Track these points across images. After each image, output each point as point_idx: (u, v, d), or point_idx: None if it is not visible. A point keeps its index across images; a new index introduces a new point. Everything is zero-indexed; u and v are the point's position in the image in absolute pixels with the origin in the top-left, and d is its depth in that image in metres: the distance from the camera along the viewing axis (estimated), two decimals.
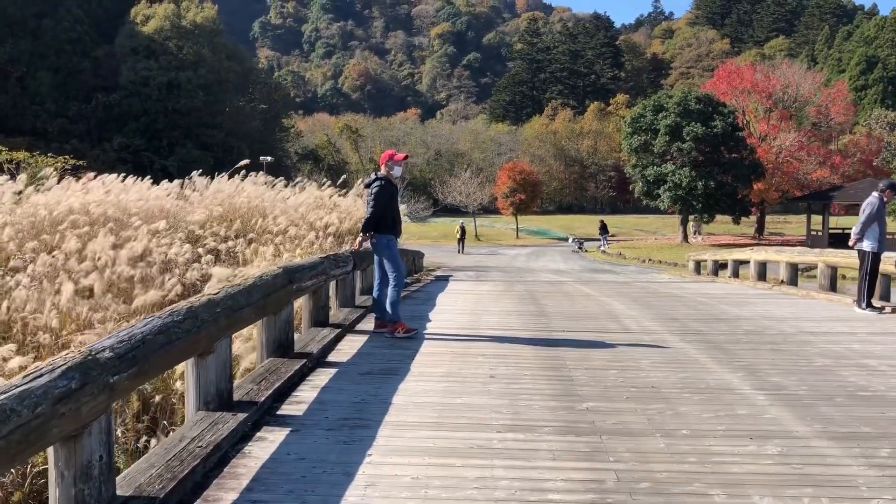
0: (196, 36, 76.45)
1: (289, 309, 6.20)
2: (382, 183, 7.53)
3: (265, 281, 5.61)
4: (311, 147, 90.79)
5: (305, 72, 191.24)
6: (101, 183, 17.36)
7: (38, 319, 9.16)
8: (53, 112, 69.51)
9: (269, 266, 12.70)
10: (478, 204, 60.74)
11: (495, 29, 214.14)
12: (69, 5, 73.34)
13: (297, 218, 16.39)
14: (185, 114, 72.24)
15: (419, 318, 8.82)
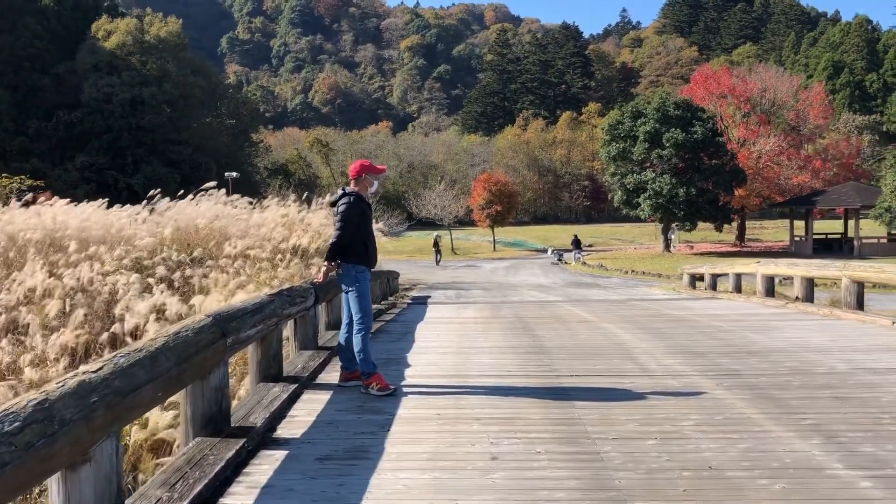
0: (160, 51, 74.44)
1: (221, 371, 4.69)
2: (352, 199, 6.07)
3: (183, 339, 4.10)
4: (282, 162, 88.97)
5: (275, 86, 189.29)
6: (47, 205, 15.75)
7: None
8: (12, 131, 67.09)
9: (221, 300, 11.19)
10: (453, 216, 59.37)
11: (465, 41, 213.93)
12: (27, 21, 70.95)
13: (261, 239, 14.86)
14: (150, 130, 70.13)
15: (395, 361, 7.34)
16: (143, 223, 15.30)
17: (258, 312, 5.50)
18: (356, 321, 6.07)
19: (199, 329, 4.39)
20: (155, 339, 3.96)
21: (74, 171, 65.50)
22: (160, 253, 13.81)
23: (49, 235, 13.64)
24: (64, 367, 9.36)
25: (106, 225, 14.68)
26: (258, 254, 14.08)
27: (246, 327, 5.13)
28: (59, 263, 12.77)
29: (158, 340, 3.92)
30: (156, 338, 3.99)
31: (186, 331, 4.24)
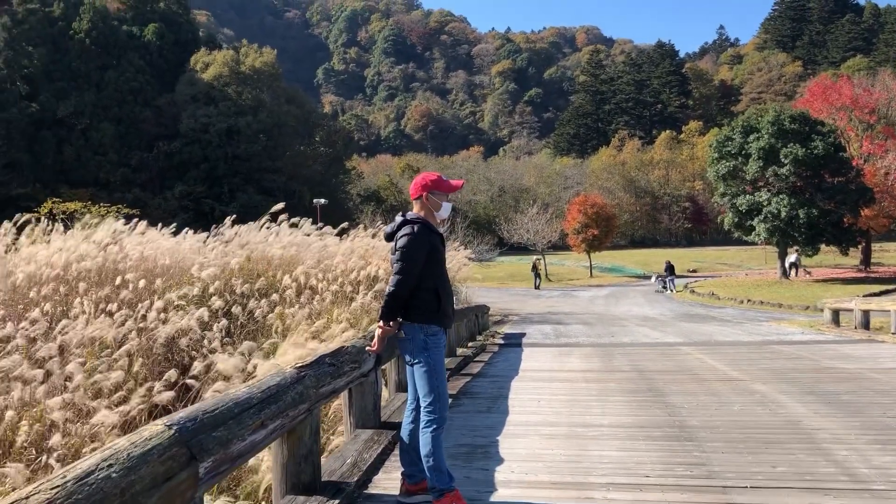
0: (255, 81, 75.56)
1: None
2: (416, 229, 4.14)
3: (96, 488, 2.24)
4: (374, 188, 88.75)
5: (369, 115, 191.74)
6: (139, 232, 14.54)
7: None
8: (116, 162, 69.11)
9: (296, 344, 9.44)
10: (546, 241, 56.93)
11: (556, 64, 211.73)
12: (131, 57, 73.38)
13: (332, 269, 13.13)
14: (246, 159, 70.98)
15: (482, 452, 5.31)
16: (211, 251, 13.91)
17: (270, 404, 3.59)
18: (424, 409, 4.10)
19: (142, 457, 2.52)
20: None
21: (173, 200, 66.72)
22: (220, 283, 12.27)
23: (104, 267, 12.32)
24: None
25: (174, 254, 13.33)
26: (326, 286, 12.40)
27: (235, 439, 3.22)
28: (114, 299, 11.40)
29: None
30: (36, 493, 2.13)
31: (109, 466, 2.37)
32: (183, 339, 9.83)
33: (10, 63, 67.00)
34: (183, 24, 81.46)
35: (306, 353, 6.75)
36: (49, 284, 10.85)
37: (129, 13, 78.25)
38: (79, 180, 64.08)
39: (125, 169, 69.12)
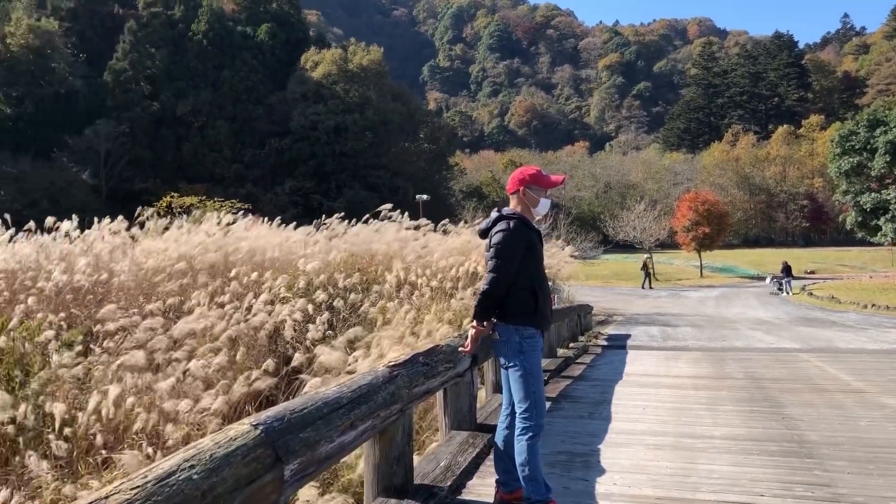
0: (362, 79, 76.95)
1: None
2: (511, 225, 3.94)
3: (177, 489, 2.17)
4: (476, 184, 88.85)
5: (473, 111, 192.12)
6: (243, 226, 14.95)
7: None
8: (230, 158, 71.89)
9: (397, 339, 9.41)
10: (654, 239, 55.32)
11: (666, 57, 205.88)
12: (245, 56, 76.18)
13: (431, 265, 13.05)
14: (352, 156, 72.42)
15: (582, 462, 5.06)
16: (315, 245, 14.13)
17: (360, 404, 3.49)
18: (520, 415, 3.90)
19: (225, 458, 2.44)
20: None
21: (283, 196, 68.80)
22: (325, 277, 12.39)
23: (222, 260, 12.66)
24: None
25: (282, 247, 13.61)
26: (425, 281, 12.33)
27: (322, 440, 3.12)
28: (227, 291, 11.70)
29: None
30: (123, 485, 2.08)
31: (191, 467, 2.30)
32: (287, 330, 9.96)
33: (134, 64, 70.80)
34: (294, 23, 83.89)
35: (402, 350, 6.68)
36: (173, 279, 11.21)
37: (243, 14, 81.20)
38: (195, 176, 67.05)
39: (238, 165, 71.80)
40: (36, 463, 5.31)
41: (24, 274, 10.46)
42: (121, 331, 9.17)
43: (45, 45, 68.44)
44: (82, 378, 7.44)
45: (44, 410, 6.24)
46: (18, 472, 5.52)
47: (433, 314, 10.61)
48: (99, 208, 47.35)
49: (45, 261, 10.79)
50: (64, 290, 10.38)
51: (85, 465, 6.04)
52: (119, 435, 6.79)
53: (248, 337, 10.09)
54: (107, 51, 72.44)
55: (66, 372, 7.17)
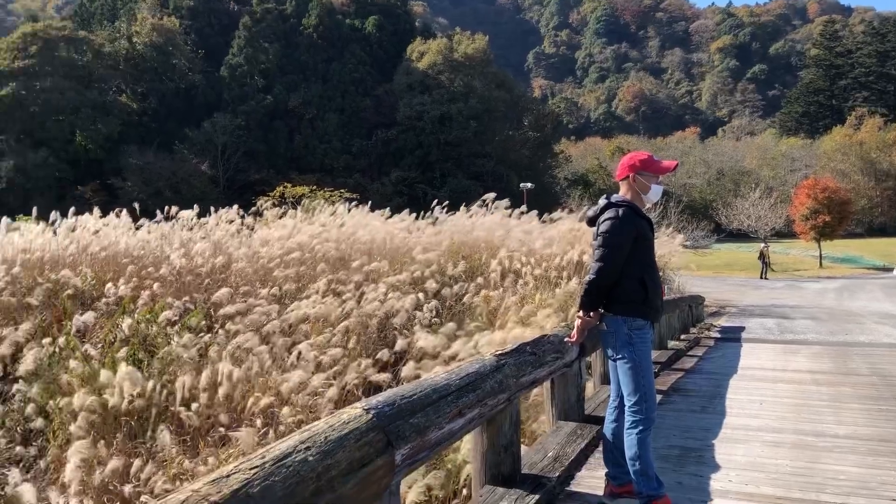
0: (467, 68, 77.08)
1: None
2: (620, 213, 3.84)
3: (294, 470, 2.24)
4: (582, 172, 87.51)
5: (578, 97, 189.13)
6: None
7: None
8: (339, 149, 73.62)
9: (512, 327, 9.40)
10: (769, 228, 52.92)
11: (783, 38, 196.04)
12: (353, 49, 77.78)
13: (535, 253, 12.93)
14: (457, 145, 72.76)
15: (695, 456, 4.90)
16: (415, 233, 14.27)
17: (468, 392, 3.49)
18: (629, 409, 3.81)
19: (338, 441, 2.50)
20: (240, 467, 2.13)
21: (389, 185, 69.92)
22: (433, 267, 12.50)
23: (339, 249, 12.97)
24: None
25: (389, 236, 13.82)
26: (529, 270, 12.23)
27: (433, 426, 3.14)
28: (342, 281, 11.98)
29: (238, 476, 2.09)
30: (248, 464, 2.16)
31: (306, 449, 2.36)
32: (396, 318, 10.09)
33: (249, 59, 73.54)
34: (400, 14, 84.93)
35: (510, 338, 6.66)
36: (289, 266, 11.58)
37: (351, 7, 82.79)
38: (306, 166, 69.04)
39: (347, 156, 73.44)
40: (165, 437, 5.62)
41: (148, 259, 11.07)
42: (238, 315, 9.57)
43: (167, 42, 72.05)
44: (201, 359, 7.81)
45: (168, 388, 6.58)
46: (148, 445, 5.85)
47: (537, 303, 10.54)
48: (217, 198, 49.65)
49: (167, 247, 11.36)
50: (184, 274, 10.91)
51: (204, 441, 6.35)
52: (237, 415, 7.09)
53: (360, 325, 10.31)
54: (223, 46, 75.57)
55: (185, 352, 7.53)
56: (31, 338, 7.76)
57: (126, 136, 64.79)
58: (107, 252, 11.27)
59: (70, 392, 6.48)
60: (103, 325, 8.52)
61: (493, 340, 7.52)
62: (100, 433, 6.09)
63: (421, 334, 8.54)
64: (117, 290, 9.28)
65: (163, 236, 12.11)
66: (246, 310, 9.70)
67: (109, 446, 5.79)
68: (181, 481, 5.33)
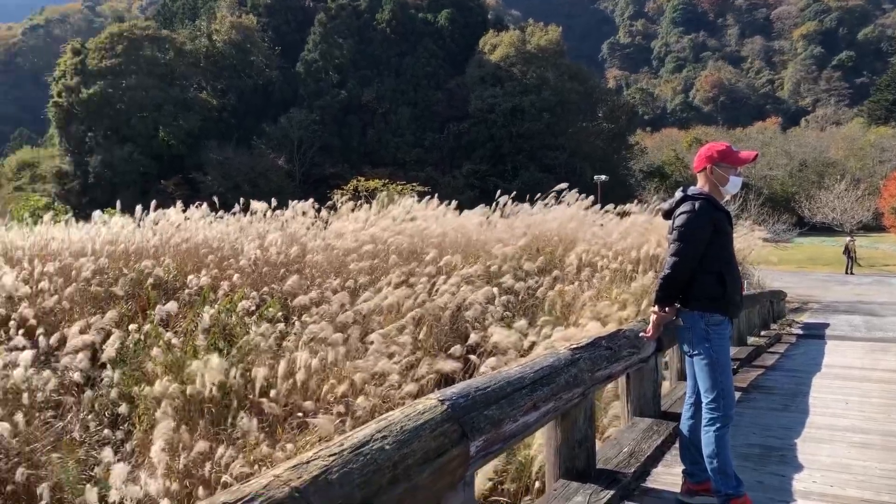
0: (539, 59, 76.45)
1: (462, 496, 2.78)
2: (696, 206, 3.75)
3: (370, 458, 2.27)
4: (658, 164, 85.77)
5: (654, 88, 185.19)
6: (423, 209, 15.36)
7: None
8: (411, 143, 74.15)
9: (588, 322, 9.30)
10: (856, 221, 50.83)
11: (873, 22, 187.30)
12: (426, 42, 78.13)
13: (610, 246, 12.73)
14: (529, 137, 72.29)
15: (777, 456, 4.75)
16: (491, 227, 14.23)
17: (543, 385, 3.47)
18: (706, 406, 3.72)
19: (414, 430, 2.52)
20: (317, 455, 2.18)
21: (461, 178, 70.02)
22: (509, 262, 12.46)
23: (411, 242, 13.08)
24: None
25: (463, 230, 13.84)
26: (605, 263, 12.04)
27: (514, 413, 3.14)
28: (414, 273, 12.07)
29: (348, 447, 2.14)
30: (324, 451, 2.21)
31: (383, 438, 2.39)
32: (468, 311, 10.10)
33: (324, 55, 74.76)
34: (473, 7, 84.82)
35: (584, 333, 6.58)
36: (363, 259, 11.73)
37: (424, 1, 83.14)
38: (379, 160, 69.74)
39: (419, 149, 73.87)
40: (247, 423, 5.78)
41: (227, 251, 11.40)
42: (313, 305, 9.76)
43: (246, 40, 73.88)
44: (277, 348, 8.00)
45: (248, 376, 6.77)
46: (229, 431, 6.04)
47: (613, 297, 10.39)
48: (293, 191, 50.67)
49: (244, 239, 11.67)
50: (260, 265, 11.19)
51: (282, 428, 6.50)
52: (313, 403, 7.24)
53: (433, 316, 10.37)
54: (299, 43, 77.01)
55: (262, 341, 7.72)
56: (117, 326, 8.08)
57: (206, 132, 66.79)
58: (188, 244, 11.67)
59: (154, 379, 6.73)
60: (185, 315, 8.81)
61: (568, 335, 7.46)
62: (182, 419, 6.31)
63: (495, 329, 8.53)
64: (199, 280, 9.57)
65: (241, 229, 12.45)
66: (320, 300, 9.89)
67: (192, 432, 6.00)
68: (260, 467, 5.47)
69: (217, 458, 5.43)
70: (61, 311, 8.93)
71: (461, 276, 11.01)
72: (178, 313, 8.73)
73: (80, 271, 9.59)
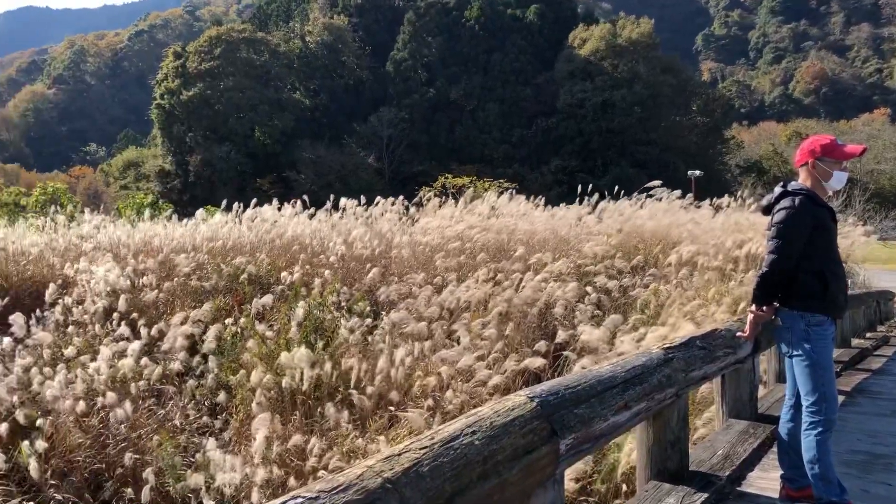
0: (631, 53, 74.97)
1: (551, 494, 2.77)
2: (797, 202, 3.60)
3: (461, 452, 2.29)
4: (755, 159, 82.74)
5: (751, 80, 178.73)
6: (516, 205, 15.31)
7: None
8: (499, 139, 74.04)
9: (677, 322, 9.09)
10: None
11: None
12: (514, 39, 77.83)
13: (710, 245, 12.35)
14: (619, 132, 71.05)
15: (883, 463, 4.53)
16: (581, 224, 14.05)
17: (634, 385, 3.41)
18: (807, 409, 3.57)
19: (504, 427, 2.53)
20: (403, 452, 2.21)
21: (549, 175, 69.47)
22: (602, 261, 12.25)
23: (499, 239, 13.07)
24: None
25: (552, 229, 13.72)
26: (707, 262, 11.68)
27: (605, 413, 3.10)
28: (502, 270, 12.05)
29: (403, 459, 2.16)
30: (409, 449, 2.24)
31: (472, 433, 2.40)
32: (557, 308, 10.00)
33: (413, 53, 75.53)
34: (562, 2, 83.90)
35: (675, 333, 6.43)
36: (450, 255, 11.81)
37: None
38: (467, 157, 69.95)
39: (506, 146, 73.68)
40: (336, 415, 5.92)
41: (318, 247, 11.71)
42: (400, 299, 9.89)
43: (337, 40, 75.42)
44: (366, 342, 8.15)
45: (338, 369, 6.92)
46: (321, 423, 6.20)
47: (710, 297, 10.08)
48: (382, 189, 51.49)
49: (335, 236, 11.94)
50: (348, 261, 11.42)
51: (371, 421, 6.62)
52: (402, 396, 7.34)
53: (520, 313, 10.32)
54: (389, 42, 78.01)
55: (351, 336, 7.88)
56: (214, 319, 8.40)
57: (299, 131, 68.56)
58: (281, 241, 12.04)
59: (250, 369, 6.97)
60: (279, 309, 9.09)
61: (660, 335, 7.30)
62: (276, 409, 6.51)
63: (585, 327, 8.42)
64: (291, 276, 9.86)
65: (333, 226, 12.74)
66: (407, 294, 10.01)
67: (287, 423, 6.19)
68: (350, 458, 5.59)
69: (309, 449, 5.58)
70: (163, 303, 9.36)
71: (550, 273, 10.92)
72: (273, 307, 9.01)
73: (181, 267, 10.03)
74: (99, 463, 6.09)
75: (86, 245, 11.24)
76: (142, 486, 5.41)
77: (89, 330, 8.15)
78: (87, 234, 11.92)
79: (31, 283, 10.08)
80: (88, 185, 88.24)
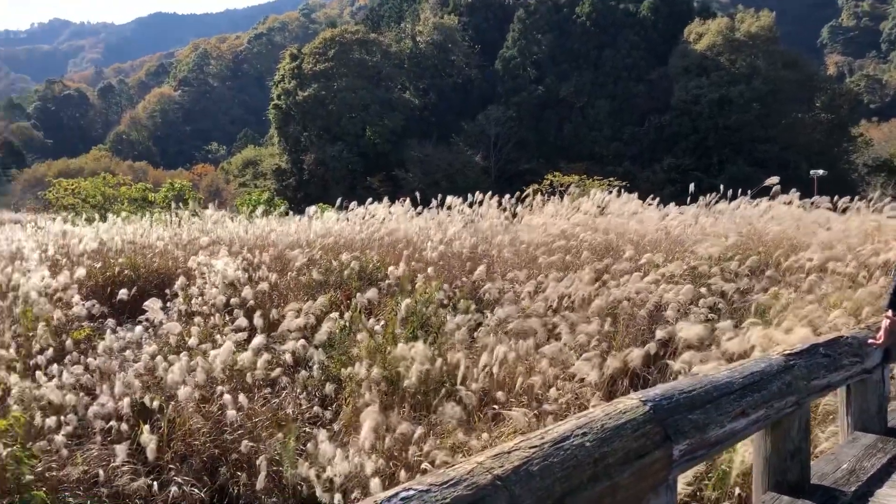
0: (749, 47, 72.01)
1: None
2: None
3: (570, 454, 2.26)
4: (885, 157, 77.82)
5: (883, 74, 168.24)
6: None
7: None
8: (609, 137, 72.77)
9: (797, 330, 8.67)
10: None
11: None
12: (626, 34, 76.28)
13: (844, 250, 11.62)
14: (736, 129, 68.40)
15: None
16: (695, 224, 13.62)
17: (752, 391, 3.27)
18: None
19: (615, 429, 2.48)
20: (512, 450, 2.20)
21: (661, 173, 67.67)
22: (718, 262, 11.82)
23: (606, 238, 12.86)
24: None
25: (664, 228, 13.37)
26: (838, 268, 11.02)
27: (721, 419, 2.98)
28: (609, 270, 11.85)
29: (513, 458, 2.15)
30: (515, 449, 2.23)
31: (583, 435, 2.36)
32: (669, 311, 9.71)
33: (522, 51, 75.30)
34: None
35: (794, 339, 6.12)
36: (554, 254, 11.71)
37: None
38: (576, 155, 69.06)
39: (617, 143, 72.31)
40: (451, 410, 5.99)
41: (423, 244, 11.89)
42: (501, 295, 9.88)
43: (447, 39, 76.11)
44: (472, 339, 8.20)
45: (445, 365, 6.99)
46: (429, 417, 6.28)
47: (832, 303, 9.54)
48: (488, 187, 51.43)
49: (440, 233, 12.08)
50: (448, 258, 11.51)
51: (477, 417, 6.65)
52: (505, 394, 7.34)
53: (628, 314, 10.08)
54: (498, 40, 78.04)
55: (457, 332, 7.94)
56: (326, 312, 8.66)
57: (408, 131, 69.64)
58: (390, 237, 12.29)
59: (359, 362, 7.14)
60: (386, 304, 9.28)
61: (776, 339, 6.98)
62: (385, 402, 6.65)
63: (683, 324, 8.17)
64: (398, 271, 10.05)
65: (439, 224, 12.89)
66: (509, 292, 9.99)
67: (396, 415, 6.30)
68: (455, 453, 5.63)
69: (416, 442, 5.66)
70: (277, 295, 9.73)
71: (662, 276, 10.63)
72: (380, 301, 9.21)
73: (294, 261, 10.41)
74: (215, 448, 6.39)
75: (203, 239, 11.84)
76: (255, 472, 5.63)
77: (209, 320, 8.57)
78: (206, 229, 12.56)
79: (157, 275, 10.70)
80: (210, 183, 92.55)
